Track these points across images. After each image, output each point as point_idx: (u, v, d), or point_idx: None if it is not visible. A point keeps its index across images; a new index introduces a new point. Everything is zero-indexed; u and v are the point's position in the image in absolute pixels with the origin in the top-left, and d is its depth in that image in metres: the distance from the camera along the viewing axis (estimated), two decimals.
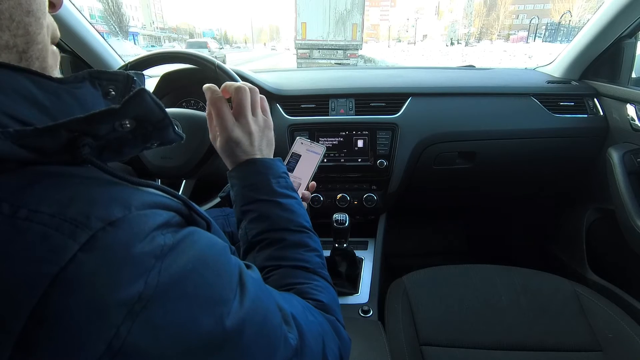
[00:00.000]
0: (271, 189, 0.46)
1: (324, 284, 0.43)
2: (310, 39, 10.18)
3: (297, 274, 0.42)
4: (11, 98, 0.23)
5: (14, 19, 0.25)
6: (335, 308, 0.41)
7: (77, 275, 0.20)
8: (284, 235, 0.44)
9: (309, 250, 0.44)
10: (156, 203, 0.25)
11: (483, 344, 0.73)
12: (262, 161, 0.48)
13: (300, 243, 0.44)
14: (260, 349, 0.27)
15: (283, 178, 0.49)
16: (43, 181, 0.22)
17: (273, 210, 0.45)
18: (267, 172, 0.47)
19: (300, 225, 0.46)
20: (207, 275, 0.25)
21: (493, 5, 55.86)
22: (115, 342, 0.20)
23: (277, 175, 0.48)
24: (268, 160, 0.49)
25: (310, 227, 0.47)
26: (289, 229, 0.45)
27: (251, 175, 0.47)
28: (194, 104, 1.09)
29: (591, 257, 1.17)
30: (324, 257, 0.47)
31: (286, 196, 0.47)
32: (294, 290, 0.40)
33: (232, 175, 0.49)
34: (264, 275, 0.41)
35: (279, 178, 0.48)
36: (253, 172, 0.47)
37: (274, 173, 0.48)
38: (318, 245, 0.46)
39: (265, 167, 0.48)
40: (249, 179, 0.47)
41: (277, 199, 0.46)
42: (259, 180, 0.47)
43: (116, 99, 0.31)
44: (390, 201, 1.08)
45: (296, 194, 0.49)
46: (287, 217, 0.45)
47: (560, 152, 1.13)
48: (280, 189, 0.47)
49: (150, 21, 69.16)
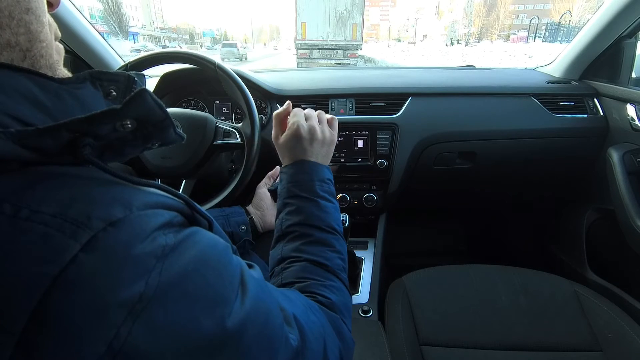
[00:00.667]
0: (313, 189, 0.50)
1: (339, 285, 0.44)
2: (310, 39, 10.19)
3: (315, 270, 0.43)
4: (12, 98, 0.23)
5: (14, 16, 0.25)
6: (344, 311, 0.42)
7: (78, 275, 0.20)
8: (313, 231, 0.47)
9: (333, 251, 0.47)
10: (158, 203, 0.25)
11: (483, 344, 0.73)
12: (312, 163, 0.53)
13: (326, 242, 0.47)
14: (261, 350, 0.27)
15: (327, 184, 0.53)
16: (44, 181, 0.22)
17: (309, 207, 0.49)
18: (313, 173, 0.52)
19: (330, 227, 0.48)
20: (208, 275, 0.25)
21: (493, 5, 55.86)
22: (115, 343, 0.20)
23: (321, 179, 0.52)
24: (317, 164, 0.54)
25: (340, 231, 0.50)
26: (320, 227, 0.47)
27: (299, 173, 0.52)
28: (194, 104, 1.09)
29: (591, 257, 1.17)
30: (347, 261, 0.49)
31: (325, 199, 0.51)
32: (307, 284, 0.41)
33: (284, 171, 0.54)
34: (285, 265, 0.45)
35: (322, 182, 0.52)
36: (301, 171, 0.52)
37: (319, 177, 0.52)
38: (343, 249, 0.49)
39: (313, 169, 0.53)
40: (296, 176, 0.52)
41: (316, 198, 0.50)
42: (304, 179, 0.51)
43: (117, 100, 0.31)
44: (390, 201, 1.08)
45: (335, 201, 0.53)
46: (321, 216, 0.48)
47: (560, 152, 1.13)
48: (322, 192, 0.51)
49: (150, 21, 69.12)
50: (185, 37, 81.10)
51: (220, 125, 0.79)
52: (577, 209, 1.25)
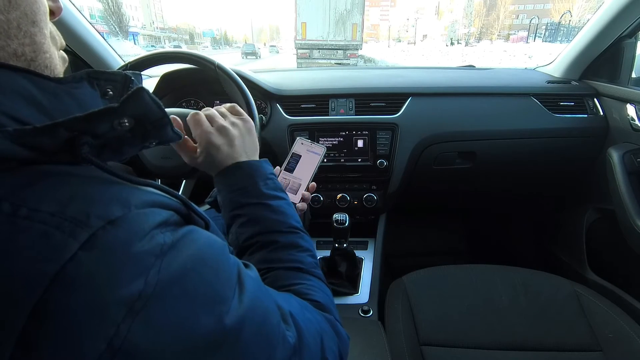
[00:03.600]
0: (259, 191, 0.46)
1: (318, 283, 0.43)
2: (310, 39, 10.19)
3: (291, 275, 0.41)
4: (10, 98, 0.24)
5: (22, 28, 0.26)
6: (332, 307, 0.41)
7: (77, 273, 0.20)
8: (275, 237, 0.43)
9: (301, 250, 0.44)
10: (155, 202, 0.25)
11: (483, 343, 0.73)
12: (248, 164, 0.48)
13: (292, 244, 0.44)
14: (259, 348, 0.27)
15: (271, 179, 0.48)
16: (43, 180, 0.22)
17: (263, 213, 0.44)
18: (254, 174, 0.47)
19: (291, 227, 0.45)
20: (206, 273, 0.25)
21: (493, 5, 55.88)
22: (115, 341, 0.20)
23: (264, 177, 0.47)
24: (254, 162, 0.48)
25: (301, 227, 0.47)
26: (281, 230, 0.44)
27: (238, 179, 0.47)
28: (194, 104, 1.09)
29: (591, 257, 1.17)
30: (317, 256, 0.46)
31: (275, 197, 0.46)
32: (290, 292, 0.40)
33: (218, 181, 0.48)
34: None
35: (266, 180, 0.47)
36: (240, 176, 0.47)
37: (261, 175, 0.47)
38: (310, 244, 0.46)
39: (251, 169, 0.47)
40: (236, 184, 0.46)
41: (266, 201, 0.45)
42: (246, 184, 0.46)
43: (114, 99, 0.31)
44: (390, 201, 1.08)
45: (285, 194, 0.48)
46: (278, 219, 0.45)
47: (560, 152, 1.13)
48: (269, 191, 0.46)
49: (150, 21, 69.16)
50: (185, 37, 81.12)
51: None
52: (577, 209, 1.25)
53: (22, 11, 0.26)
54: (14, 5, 0.25)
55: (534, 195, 1.41)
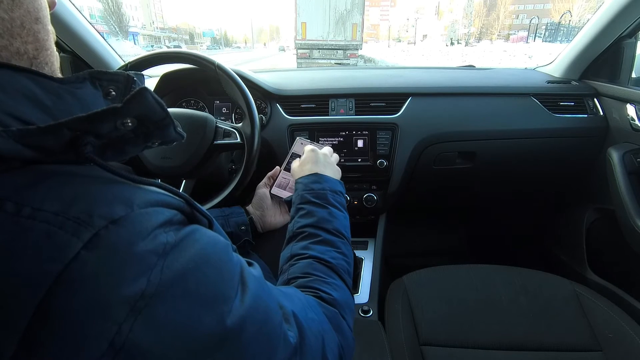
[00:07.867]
0: (326, 198, 0.56)
1: (341, 285, 0.45)
2: (310, 39, 10.17)
3: (320, 267, 0.45)
4: (13, 98, 0.24)
5: (25, 26, 0.26)
6: (345, 308, 0.42)
7: (80, 273, 0.20)
8: (321, 232, 0.50)
9: (338, 252, 0.49)
10: (158, 201, 0.25)
11: (483, 343, 0.73)
12: (325, 176, 0.60)
13: (333, 243, 0.49)
14: (260, 347, 0.27)
15: (339, 195, 0.58)
16: (46, 180, 0.22)
17: (320, 212, 0.53)
18: (326, 185, 0.58)
19: (338, 231, 0.52)
20: (209, 273, 0.25)
21: (493, 5, 55.86)
22: (117, 340, 0.20)
23: (334, 191, 0.58)
24: (331, 178, 0.61)
25: (348, 238, 0.53)
26: (328, 229, 0.51)
27: (314, 182, 0.58)
28: (194, 104, 1.09)
29: (591, 257, 1.17)
30: (352, 265, 0.51)
31: (336, 208, 0.55)
32: (311, 280, 0.42)
33: (300, 181, 0.60)
34: (292, 262, 0.47)
35: (335, 194, 0.57)
36: (316, 181, 0.59)
37: (332, 188, 0.58)
38: (349, 252, 0.51)
39: (326, 181, 0.59)
40: (311, 185, 0.58)
41: (327, 205, 0.54)
42: (318, 188, 0.57)
43: (116, 99, 0.31)
44: (390, 201, 1.08)
45: (346, 212, 0.57)
46: (330, 220, 0.52)
47: (560, 152, 1.13)
48: (333, 201, 0.56)
49: (150, 21, 69.10)
50: (185, 37, 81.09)
51: (220, 125, 0.79)
52: (577, 208, 1.25)
53: (25, 9, 0.26)
54: (17, 3, 0.25)
55: (534, 195, 1.41)
